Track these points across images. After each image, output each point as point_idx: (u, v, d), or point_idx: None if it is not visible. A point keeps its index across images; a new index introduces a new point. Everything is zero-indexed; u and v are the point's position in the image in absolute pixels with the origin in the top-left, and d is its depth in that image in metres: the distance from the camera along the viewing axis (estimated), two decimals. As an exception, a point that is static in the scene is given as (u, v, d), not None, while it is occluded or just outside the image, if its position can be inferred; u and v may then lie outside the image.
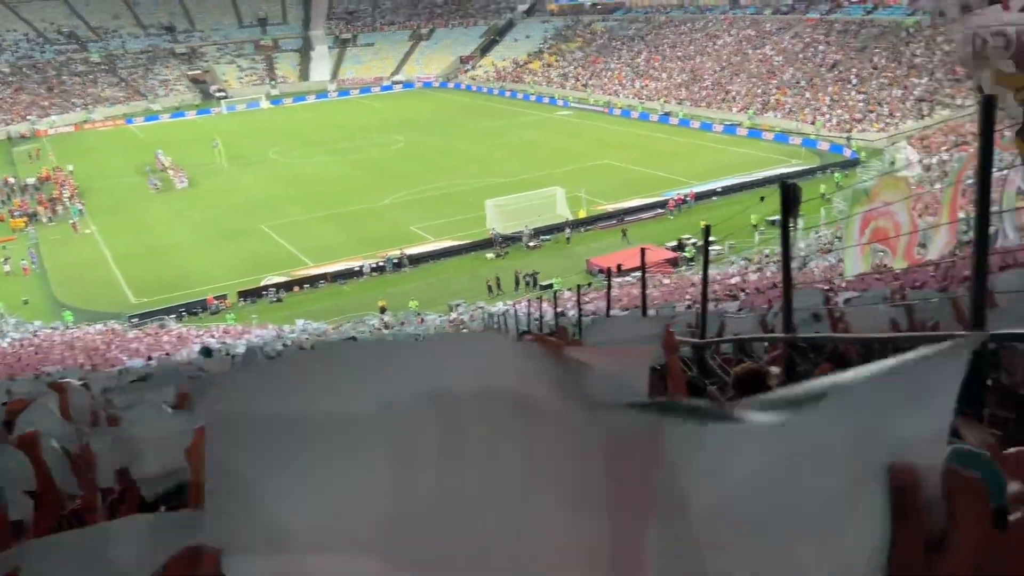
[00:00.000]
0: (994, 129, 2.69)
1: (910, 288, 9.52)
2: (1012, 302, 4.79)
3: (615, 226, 41.56)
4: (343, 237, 42.36)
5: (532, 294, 34.16)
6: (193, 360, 16.88)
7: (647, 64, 77.27)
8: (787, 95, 61.17)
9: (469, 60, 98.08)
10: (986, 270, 2.75)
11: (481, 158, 56.43)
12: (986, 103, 2.69)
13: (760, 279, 28.60)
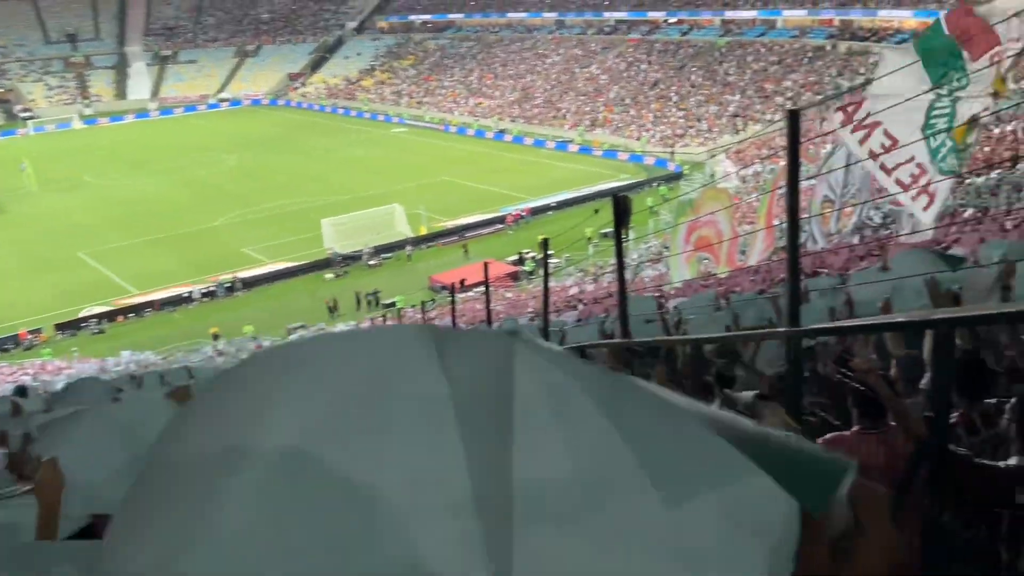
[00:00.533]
0: (799, 141, 2.92)
1: (733, 292, 10.12)
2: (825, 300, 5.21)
3: (456, 242, 41.82)
4: (170, 262, 40.35)
5: (375, 313, 33.84)
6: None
7: (480, 82, 78.41)
8: (614, 112, 63.71)
9: (298, 77, 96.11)
10: (799, 273, 2.98)
11: (316, 176, 55.34)
12: (791, 117, 2.92)
13: (596, 289, 29.58)
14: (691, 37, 69.73)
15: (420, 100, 80.00)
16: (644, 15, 75.95)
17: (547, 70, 75.26)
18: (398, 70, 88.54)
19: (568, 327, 9.10)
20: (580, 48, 76.71)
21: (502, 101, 73.06)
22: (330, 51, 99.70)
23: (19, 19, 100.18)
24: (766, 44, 63.24)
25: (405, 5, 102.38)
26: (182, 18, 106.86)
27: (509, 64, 79.51)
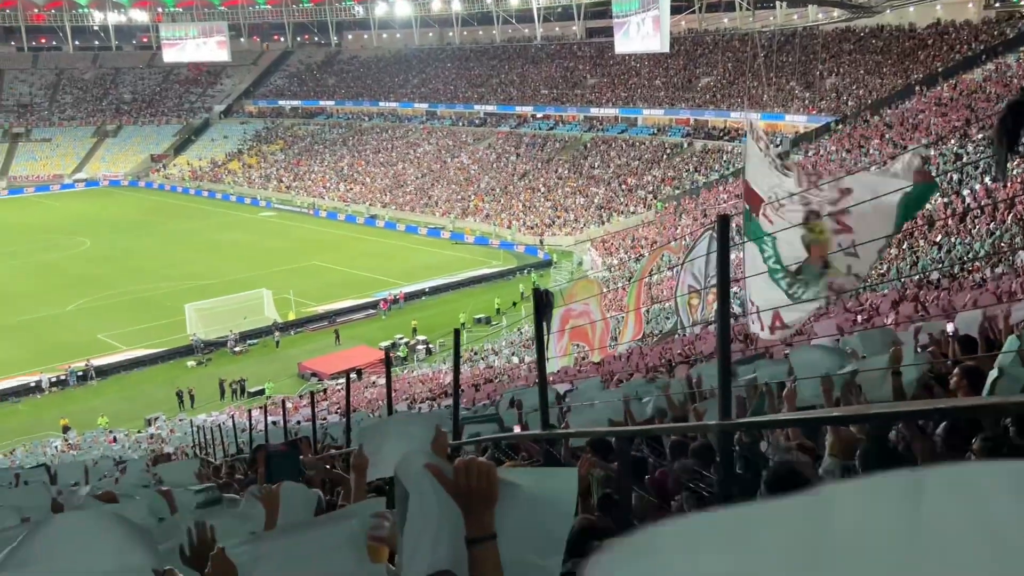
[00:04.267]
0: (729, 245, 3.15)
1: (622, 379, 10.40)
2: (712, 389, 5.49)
3: (326, 327, 41.12)
4: (17, 350, 37.74)
5: (241, 402, 32.57)
6: None
7: (351, 168, 78.58)
8: (484, 201, 65.06)
9: (162, 159, 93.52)
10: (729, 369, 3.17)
11: (179, 260, 53.48)
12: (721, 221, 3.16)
13: (472, 373, 29.65)
14: (557, 132, 72.60)
15: (289, 184, 79.25)
16: (512, 109, 78.65)
17: (419, 158, 76.35)
18: (267, 154, 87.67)
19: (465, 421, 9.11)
20: (451, 139, 78.39)
21: (373, 187, 73.34)
22: (196, 133, 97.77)
23: None
24: (628, 140, 66.56)
25: (274, 90, 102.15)
26: (37, 95, 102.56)
27: (381, 151, 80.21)
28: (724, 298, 3.13)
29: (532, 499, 1.74)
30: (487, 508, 1.72)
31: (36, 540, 1.79)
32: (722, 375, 3.13)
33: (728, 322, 3.16)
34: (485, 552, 1.70)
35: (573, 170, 65.26)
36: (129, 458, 17.97)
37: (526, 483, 1.76)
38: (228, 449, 15.83)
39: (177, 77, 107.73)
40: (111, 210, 72.80)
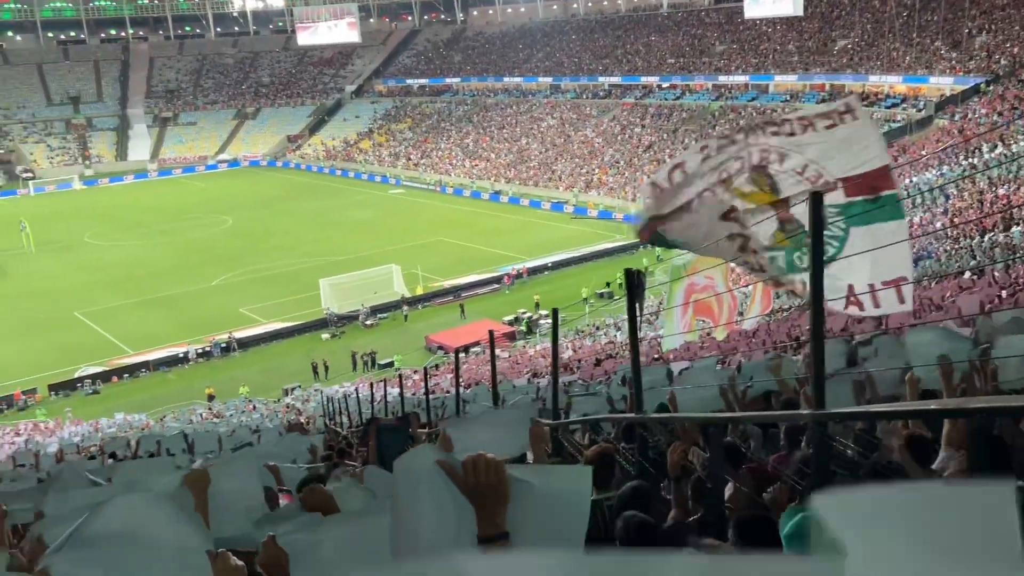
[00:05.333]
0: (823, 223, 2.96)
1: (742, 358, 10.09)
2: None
3: (452, 302, 41.87)
4: (167, 322, 40.27)
5: (371, 374, 33.67)
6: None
7: (476, 144, 79.38)
8: (608, 174, 64.43)
9: (297, 139, 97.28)
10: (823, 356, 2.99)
11: (314, 237, 55.62)
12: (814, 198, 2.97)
13: (593, 349, 29.53)
14: (684, 101, 70.88)
15: (417, 162, 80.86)
16: (638, 80, 77.30)
17: (542, 133, 76.28)
18: (395, 132, 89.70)
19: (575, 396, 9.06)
20: (575, 112, 77.88)
21: (498, 163, 73.88)
22: (329, 113, 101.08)
23: (22, 82, 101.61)
24: (758, 108, 64.30)
25: (403, 70, 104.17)
26: (183, 81, 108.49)
27: (505, 127, 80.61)
28: (817, 279, 2.94)
29: (546, 498, 1.68)
30: (498, 506, 1.66)
31: (97, 521, 1.86)
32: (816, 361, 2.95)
33: (821, 305, 2.97)
34: (497, 551, 1.65)
35: (701, 140, 63.59)
36: (265, 427, 18.89)
37: (538, 481, 1.71)
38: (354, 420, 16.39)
39: (311, 59, 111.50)
40: (251, 189, 76.39)
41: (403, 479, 1.78)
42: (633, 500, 3.40)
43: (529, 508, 1.69)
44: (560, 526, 1.69)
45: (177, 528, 1.93)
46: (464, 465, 1.69)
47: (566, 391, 9.50)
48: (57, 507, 3.63)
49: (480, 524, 1.68)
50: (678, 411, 5.49)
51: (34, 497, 4.67)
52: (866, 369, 5.19)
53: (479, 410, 8.12)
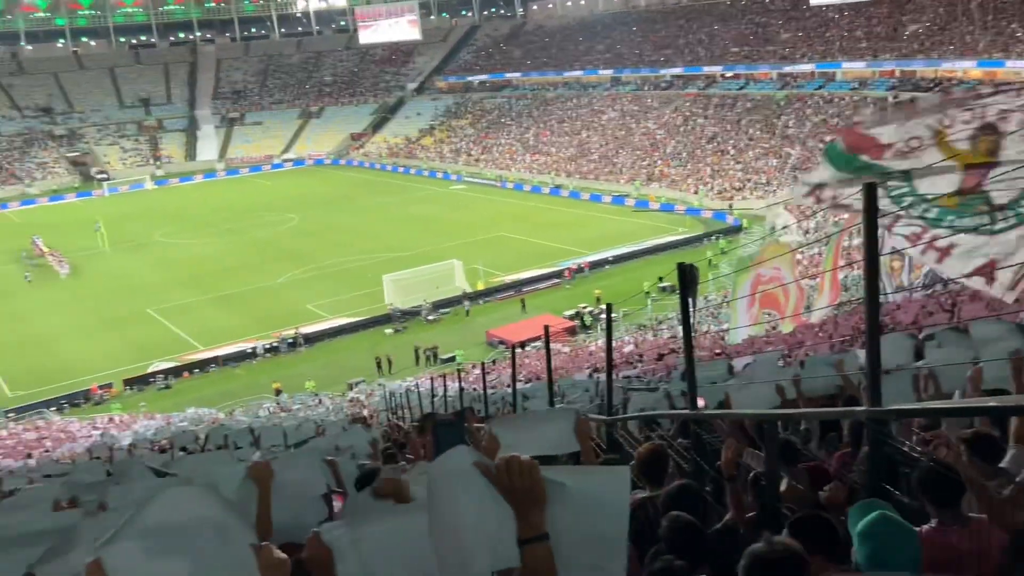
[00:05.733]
0: (877, 211, 2.86)
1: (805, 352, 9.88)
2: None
3: (513, 297, 41.94)
4: (235, 318, 41.21)
5: (433, 368, 33.93)
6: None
7: (536, 139, 79.32)
8: (670, 166, 63.71)
9: (360, 137, 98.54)
10: (879, 350, 2.88)
11: (377, 233, 56.28)
12: (868, 188, 2.86)
13: (655, 343, 29.25)
14: (748, 91, 69.67)
15: (478, 157, 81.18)
16: (700, 70, 76.25)
17: (603, 126, 75.83)
18: (456, 128, 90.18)
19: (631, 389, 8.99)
20: (636, 104, 77.23)
21: (558, 157, 73.69)
22: (391, 111, 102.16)
23: (96, 86, 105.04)
24: (825, 96, 62.85)
25: (463, 66, 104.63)
26: (249, 82, 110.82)
27: (565, 121, 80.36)
28: (872, 272, 2.84)
29: (582, 500, 1.66)
30: (535, 507, 1.64)
31: (148, 512, 1.91)
32: (871, 357, 2.85)
33: (877, 300, 2.87)
34: (537, 552, 1.63)
35: (765, 130, 62.52)
36: (329, 421, 19.19)
37: (574, 483, 1.68)
38: (415, 414, 16.53)
39: (373, 58, 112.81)
40: (316, 187, 77.64)
41: (440, 480, 1.78)
42: (680, 500, 3.34)
43: (566, 510, 1.67)
44: (600, 527, 1.67)
45: (223, 520, 1.96)
46: (497, 468, 1.67)
47: (624, 387, 9.41)
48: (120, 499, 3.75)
49: (520, 526, 1.67)
50: (733, 408, 5.38)
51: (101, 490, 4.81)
52: (926, 364, 5.00)
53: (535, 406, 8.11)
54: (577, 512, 1.67)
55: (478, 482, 1.71)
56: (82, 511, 3.64)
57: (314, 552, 2.01)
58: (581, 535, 1.66)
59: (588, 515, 1.67)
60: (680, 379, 9.70)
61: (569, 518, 1.67)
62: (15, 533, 3.13)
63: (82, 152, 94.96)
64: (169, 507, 1.94)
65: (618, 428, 5.61)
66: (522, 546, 1.65)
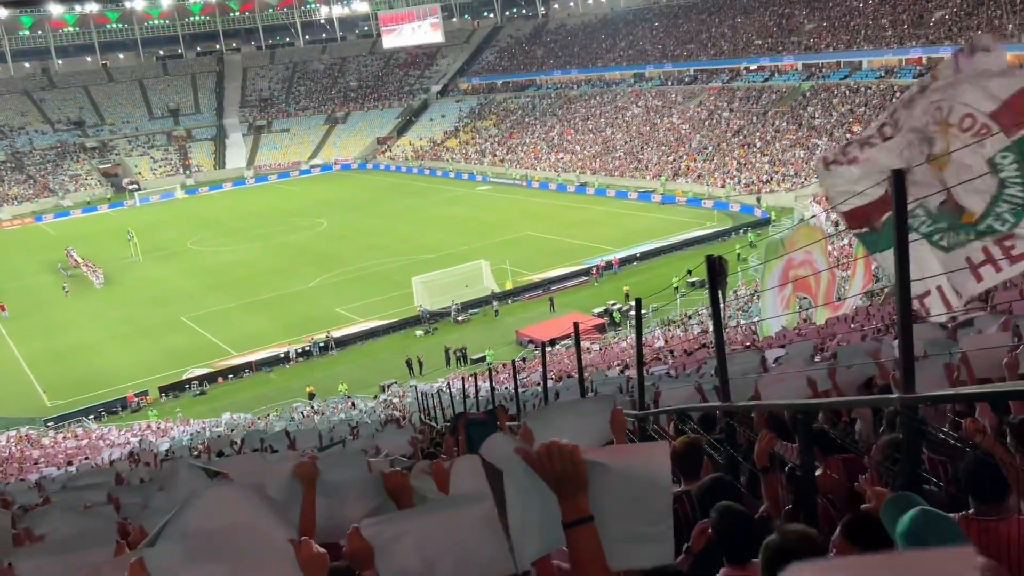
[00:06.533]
0: (907, 199, 2.86)
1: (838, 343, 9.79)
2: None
3: (541, 296, 41.94)
4: (267, 324, 41.63)
5: (463, 369, 34.06)
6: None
7: (561, 137, 79.24)
8: (696, 161, 63.35)
9: (386, 141, 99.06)
10: (912, 335, 2.88)
11: (405, 235, 56.56)
12: (897, 175, 2.86)
13: (685, 338, 29.12)
14: (773, 83, 69.08)
15: (503, 158, 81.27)
16: (724, 63, 75.74)
17: (627, 122, 75.58)
18: (481, 130, 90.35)
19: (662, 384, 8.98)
20: (660, 100, 76.88)
21: (583, 155, 73.57)
22: (416, 114, 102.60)
23: (126, 98, 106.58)
24: (852, 86, 62.14)
25: (486, 67, 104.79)
26: (275, 89, 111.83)
27: (589, 118, 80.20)
28: (903, 260, 2.84)
29: (625, 477, 1.69)
30: (579, 491, 1.68)
31: (189, 513, 1.96)
32: (903, 343, 2.85)
33: (908, 285, 2.87)
34: (583, 535, 1.67)
35: (792, 122, 61.97)
36: (363, 422, 19.34)
37: (616, 462, 1.72)
38: (448, 414, 16.62)
39: (397, 62, 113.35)
40: (344, 192, 78.18)
41: (485, 469, 1.82)
42: (715, 492, 3.35)
43: (610, 490, 1.71)
44: (643, 504, 1.71)
45: (262, 516, 2.01)
46: (539, 454, 1.71)
47: (655, 382, 9.40)
48: (166, 500, 3.83)
49: (564, 509, 1.71)
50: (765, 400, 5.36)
51: (147, 492, 4.92)
52: (960, 349, 4.95)
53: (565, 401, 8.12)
54: (621, 490, 1.71)
55: (519, 468, 1.75)
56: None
57: (355, 547, 2.04)
58: (627, 512, 1.70)
59: (632, 491, 1.71)
60: (713, 373, 9.68)
61: (613, 497, 1.71)
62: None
63: (113, 163, 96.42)
64: (210, 507, 1.99)
65: (650, 423, 5.63)
66: (567, 529, 1.69)
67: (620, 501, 1.71)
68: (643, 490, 1.71)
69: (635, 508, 1.73)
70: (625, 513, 1.72)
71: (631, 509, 1.72)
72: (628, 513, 1.72)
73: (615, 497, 1.71)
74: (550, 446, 1.70)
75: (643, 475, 1.71)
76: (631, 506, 1.72)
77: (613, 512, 1.71)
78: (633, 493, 1.71)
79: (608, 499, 1.71)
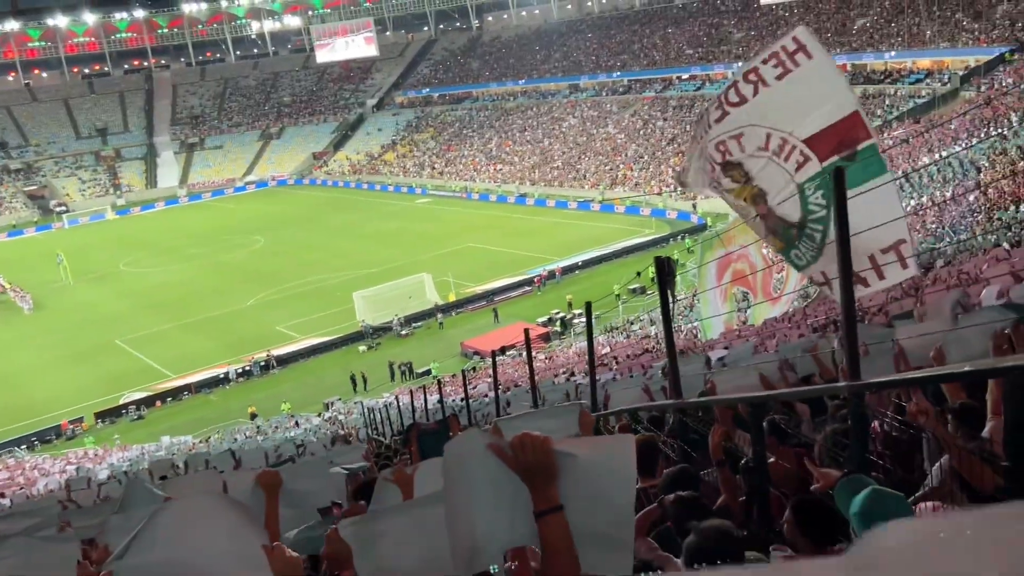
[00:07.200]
0: (846, 197, 2.98)
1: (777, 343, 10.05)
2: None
3: (486, 307, 41.98)
4: (206, 344, 40.82)
5: (410, 383, 33.87)
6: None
7: (499, 149, 79.58)
8: (633, 170, 64.23)
9: (323, 156, 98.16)
10: (856, 325, 3.01)
11: (345, 251, 56.07)
12: (837, 174, 2.99)
13: (629, 344, 29.47)
14: (705, 91, 70.45)
15: (441, 170, 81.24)
16: (657, 73, 77.02)
17: (564, 133, 76.28)
18: (419, 143, 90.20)
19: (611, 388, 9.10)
20: (595, 110, 77.79)
21: (522, 166, 73.98)
22: (352, 128, 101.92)
23: (51, 117, 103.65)
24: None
25: (422, 80, 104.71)
26: (207, 106, 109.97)
27: (527, 129, 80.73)
28: (845, 252, 2.96)
29: (591, 468, 1.75)
30: (549, 481, 1.73)
31: (156, 526, 1.94)
32: (848, 334, 2.97)
33: (850, 276, 3.00)
34: (553, 524, 1.71)
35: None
36: (309, 441, 19.10)
37: (583, 453, 1.77)
38: (396, 429, 16.52)
39: (331, 76, 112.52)
40: (281, 208, 77.17)
41: (454, 463, 1.85)
42: (679, 482, 3.44)
43: (578, 479, 1.75)
44: (608, 493, 1.75)
45: (232, 525, 2.00)
46: (512, 445, 1.75)
47: (604, 386, 9.52)
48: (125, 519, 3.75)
49: (535, 500, 1.75)
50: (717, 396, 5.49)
51: (102, 512, 4.79)
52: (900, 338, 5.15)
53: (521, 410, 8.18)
54: (587, 481, 1.75)
55: (490, 462, 1.79)
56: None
57: (334, 548, 2.05)
58: (592, 503, 1.75)
59: (597, 483, 1.76)
60: (660, 375, 9.84)
61: (580, 487, 1.75)
62: None
63: (40, 185, 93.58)
64: (179, 517, 1.98)
65: (602, 425, 5.71)
66: (538, 519, 1.73)
67: (586, 494, 1.76)
68: (609, 481, 1.76)
69: (600, 504, 1.77)
70: (590, 507, 1.76)
71: (596, 504, 1.77)
72: (592, 507, 1.77)
73: (581, 490, 1.76)
74: (523, 437, 1.75)
75: (609, 466, 1.76)
76: (596, 501, 1.76)
77: (578, 505, 1.76)
78: (599, 485, 1.75)
79: (575, 492, 1.75)
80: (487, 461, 1.80)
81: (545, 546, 1.73)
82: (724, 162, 5.29)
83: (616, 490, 1.75)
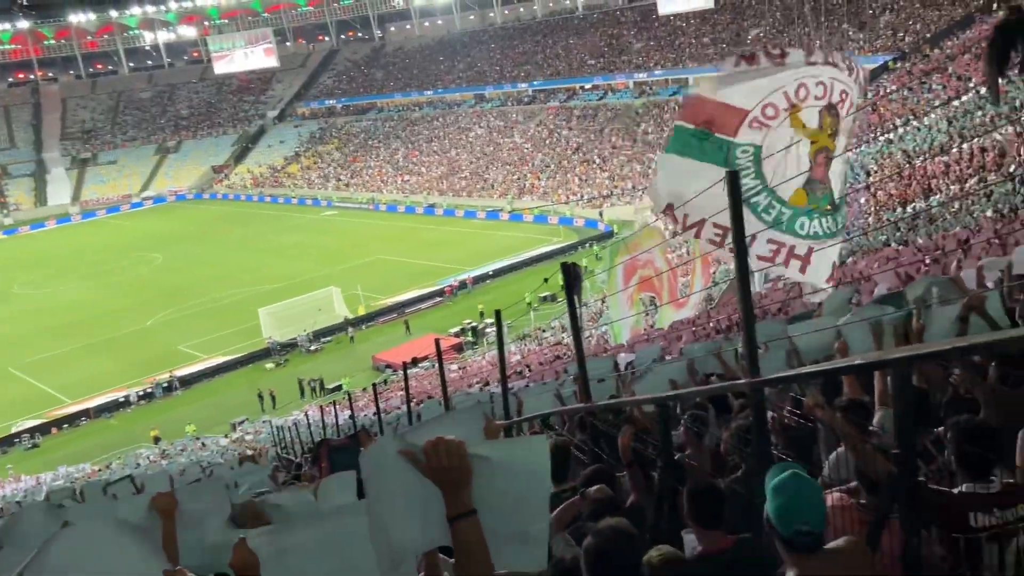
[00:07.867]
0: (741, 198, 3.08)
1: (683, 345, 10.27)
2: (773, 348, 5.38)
3: (396, 319, 41.66)
4: (105, 367, 39.23)
5: (320, 399, 33.27)
6: None
7: (406, 159, 79.18)
8: (540, 179, 64.85)
9: (223, 169, 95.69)
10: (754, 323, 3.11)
11: (249, 266, 54.76)
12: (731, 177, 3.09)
13: (540, 351, 29.70)
14: (608, 101, 71.80)
15: (347, 182, 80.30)
16: (561, 83, 78.05)
17: (471, 143, 76.47)
18: (323, 154, 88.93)
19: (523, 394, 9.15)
20: (501, 119, 78.25)
21: (429, 176, 73.79)
22: (252, 141, 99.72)
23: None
24: (680, 102, 65.43)
25: (324, 91, 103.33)
26: (99, 120, 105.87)
27: (434, 140, 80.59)
28: (741, 253, 3.07)
29: (505, 470, 1.76)
30: (463, 485, 1.73)
31: (51, 551, 1.85)
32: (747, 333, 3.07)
33: (747, 276, 3.10)
34: (467, 528, 1.71)
35: (627, 138, 64.54)
36: (216, 463, 18.56)
37: (497, 455, 1.78)
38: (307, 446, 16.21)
39: (230, 88, 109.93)
40: (179, 224, 74.89)
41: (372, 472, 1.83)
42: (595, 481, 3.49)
43: (492, 482, 1.76)
44: (523, 493, 1.76)
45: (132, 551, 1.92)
46: (425, 451, 1.74)
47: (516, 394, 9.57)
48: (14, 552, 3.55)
49: (448, 504, 1.74)
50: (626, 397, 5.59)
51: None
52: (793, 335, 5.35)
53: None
54: (501, 482, 1.76)
55: (403, 468, 1.77)
56: None
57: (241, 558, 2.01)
58: (506, 503, 1.75)
59: (512, 483, 1.76)
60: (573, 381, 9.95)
61: (494, 489, 1.76)
62: None
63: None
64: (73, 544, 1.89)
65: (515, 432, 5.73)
66: (452, 523, 1.72)
67: (501, 495, 1.76)
68: (524, 482, 1.77)
69: (515, 503, 1.78)
70: (505, 507, 1.77)
71: (511, 503, 1.78)
72: (508, 507, 1.77)
73: (496, 491, 1.76)
74: (436, 442, 1.74)
75: (524, 467, 1.77)
76: (511, 500, 1.77)
77: (493, 506, 1.76)
78: (514, 486, 1.76)
79: (490, 493, 1.76)
80: (400, 467, 1.78)
81: (459, 550, 1.73)
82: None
83: (531, 488, 1.77)
